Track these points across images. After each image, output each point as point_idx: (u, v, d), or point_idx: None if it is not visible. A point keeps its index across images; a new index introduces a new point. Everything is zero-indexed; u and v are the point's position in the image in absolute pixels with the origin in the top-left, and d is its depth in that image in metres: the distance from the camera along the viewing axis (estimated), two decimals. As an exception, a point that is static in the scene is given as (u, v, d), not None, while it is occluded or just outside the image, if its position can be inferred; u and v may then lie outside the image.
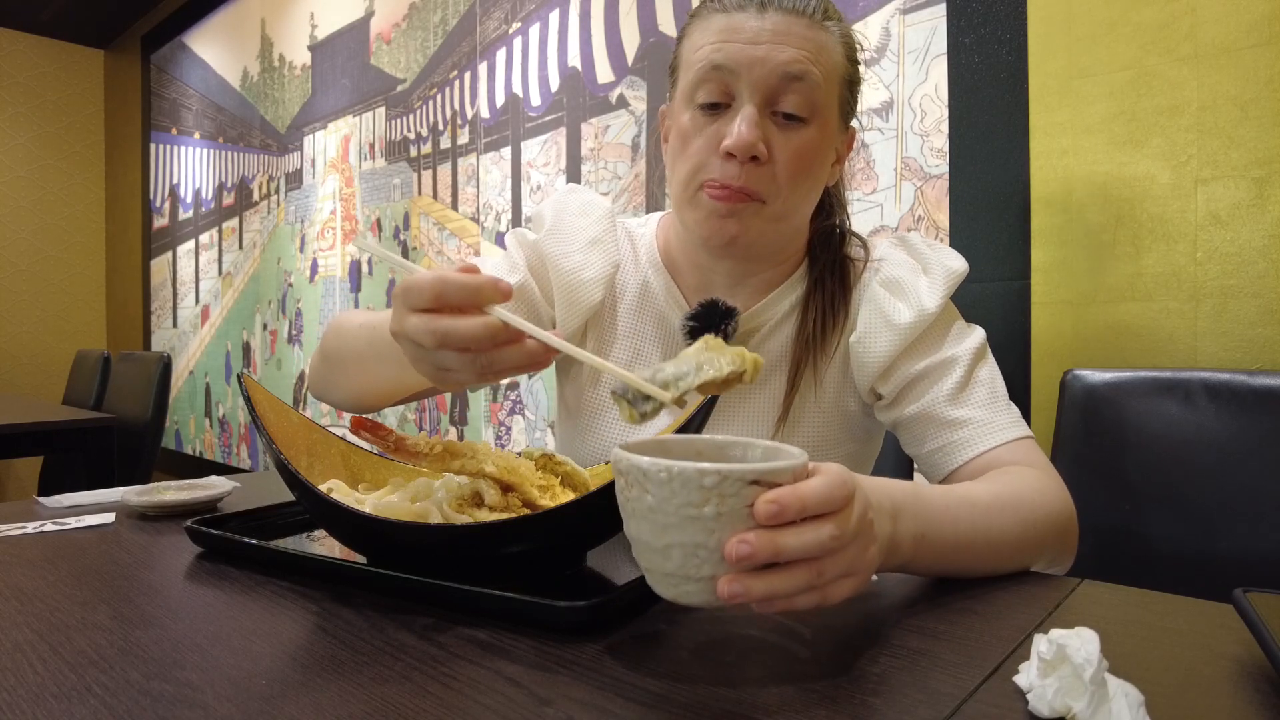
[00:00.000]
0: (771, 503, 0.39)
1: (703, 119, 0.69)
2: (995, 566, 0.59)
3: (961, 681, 0.40)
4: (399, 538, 0.51)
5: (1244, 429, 0.85)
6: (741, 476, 0.39)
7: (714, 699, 0.38)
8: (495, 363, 0.52)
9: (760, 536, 0.39)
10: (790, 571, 0.40)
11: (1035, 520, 0.61)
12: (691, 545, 0.40)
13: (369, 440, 0.56)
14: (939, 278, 0.74)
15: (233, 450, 3.33)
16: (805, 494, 0.40)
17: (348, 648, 0.44)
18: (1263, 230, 0.98)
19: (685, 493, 0.39)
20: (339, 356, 0.76)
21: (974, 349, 0.73)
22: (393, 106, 2.47)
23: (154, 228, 4.02)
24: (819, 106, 0.69)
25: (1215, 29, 1.00)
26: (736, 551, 0.39)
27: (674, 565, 0.41)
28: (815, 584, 0.41)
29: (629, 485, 0.41)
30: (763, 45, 0.67)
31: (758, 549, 0.39)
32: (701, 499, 0.39)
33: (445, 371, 0.53)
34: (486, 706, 0.37)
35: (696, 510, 0.39)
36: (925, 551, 0.53)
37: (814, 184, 0.73)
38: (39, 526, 0.72)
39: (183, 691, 0.38)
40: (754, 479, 0.39)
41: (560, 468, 0.60)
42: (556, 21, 1.94)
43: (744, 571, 0.40)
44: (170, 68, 3.85)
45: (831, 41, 0.70)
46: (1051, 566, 0.64)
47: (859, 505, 0.43)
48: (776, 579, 0.40)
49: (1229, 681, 0.40)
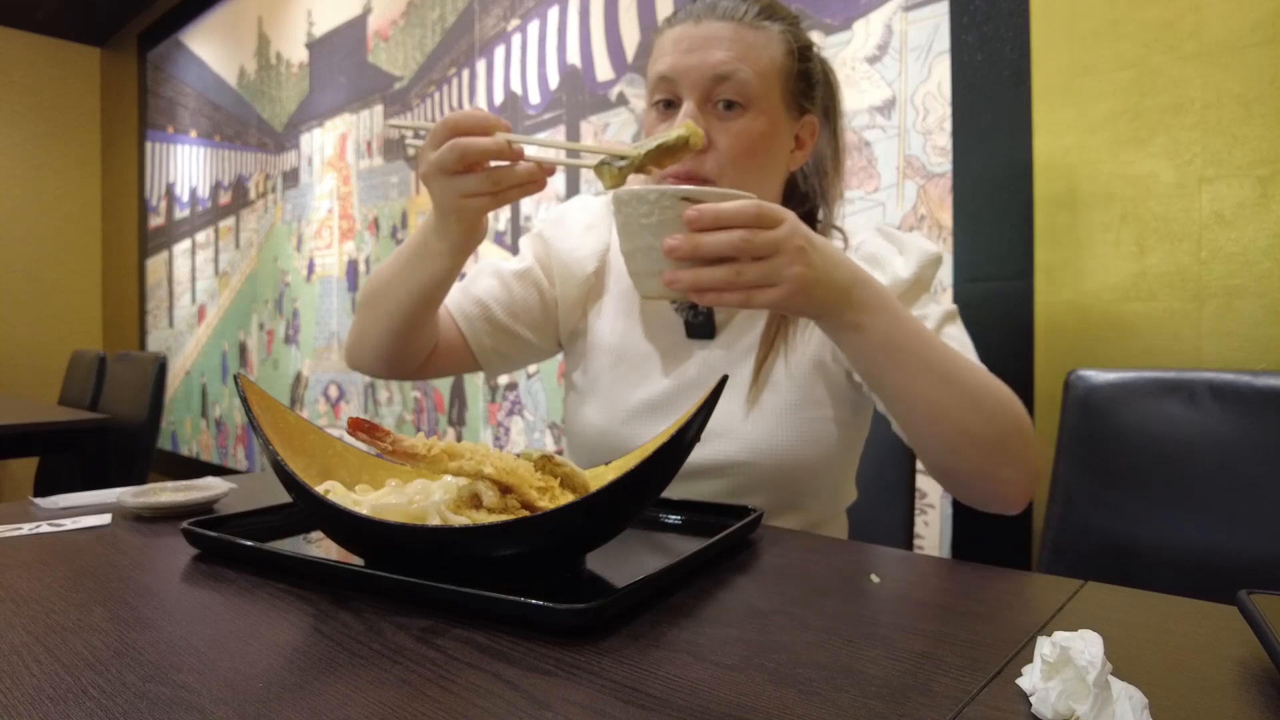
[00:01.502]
0: (693, 212, 0.56)
1: (659, 117, 0.81)
2: (948, 403, 0.65)
3: (964, 684, 0.39)
4: (397, 539, 0.51)
5: (1248, 430, 0.84)
6: (675, 194, 0.57)
7: (714, 702, 0.38)
8: (504, 178, 0.65)
9: (685, 236, 0.56)
10: (713, 268, 0.56)
11: (1002, 401, 0.67)
12: (645, 246, 0.59)
13: (366, 442, 0.55)
14: (913, 255, 0.80)
15: (229, 451, 3.32)
16: (721, 208, 0.56)
17: (345, 650, 0.44)
18: (1268, 229, 0.97)
19: (638, 205, 0.58)
20: (372, 292, 0.83)
21: (944, 311, 0.78)
22: (391, 104, 2.47)
23: (150, 227, 4.01)
24: (754, 96, 0.78)
25: (1219, 27, 1.00)
26: (668, 245, 0.57)
27: (638, 265, 0.60)
28: (735, 282, 0.57)
29: (618, 211, 0.59)
30: (696, 52, 0.78)
31: (681, 244, 0.56)
32: (647, 211, 0.57)
33: (467, 198, 0.66)
34: (484, 709, 0.37)
35: (646, 219, 0.57)
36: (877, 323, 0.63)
37: (761, 164, 0.80)
38: (34, 528, 0.71)
39: (179, 694, 0.38)
40: (685, 196, 0.56)
41: (559, 469, 0.59)
42: (555, 19, 1.94)
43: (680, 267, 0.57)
44: (167, 66, 3.84)
45: (764, 39, 0.80)
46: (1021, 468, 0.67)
47: (784, 231, 0.58)
48: (702, 272, 0.57)
49: (1233, 684, 0.40)
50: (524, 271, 0.92)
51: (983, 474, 0.68)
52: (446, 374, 0.93)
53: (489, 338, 0.91)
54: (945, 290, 1.23)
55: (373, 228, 2.54)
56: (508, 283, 0.91)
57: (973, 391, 0.65)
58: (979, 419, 0.65)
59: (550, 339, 0.95)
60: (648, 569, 0.51)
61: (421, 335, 0.84)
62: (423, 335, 0.84)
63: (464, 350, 0.91)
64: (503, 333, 0.91)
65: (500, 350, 0.92)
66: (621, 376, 0.88)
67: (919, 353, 0.64)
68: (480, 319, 0.90)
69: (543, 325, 0.93)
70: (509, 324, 0.91)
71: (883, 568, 0.59)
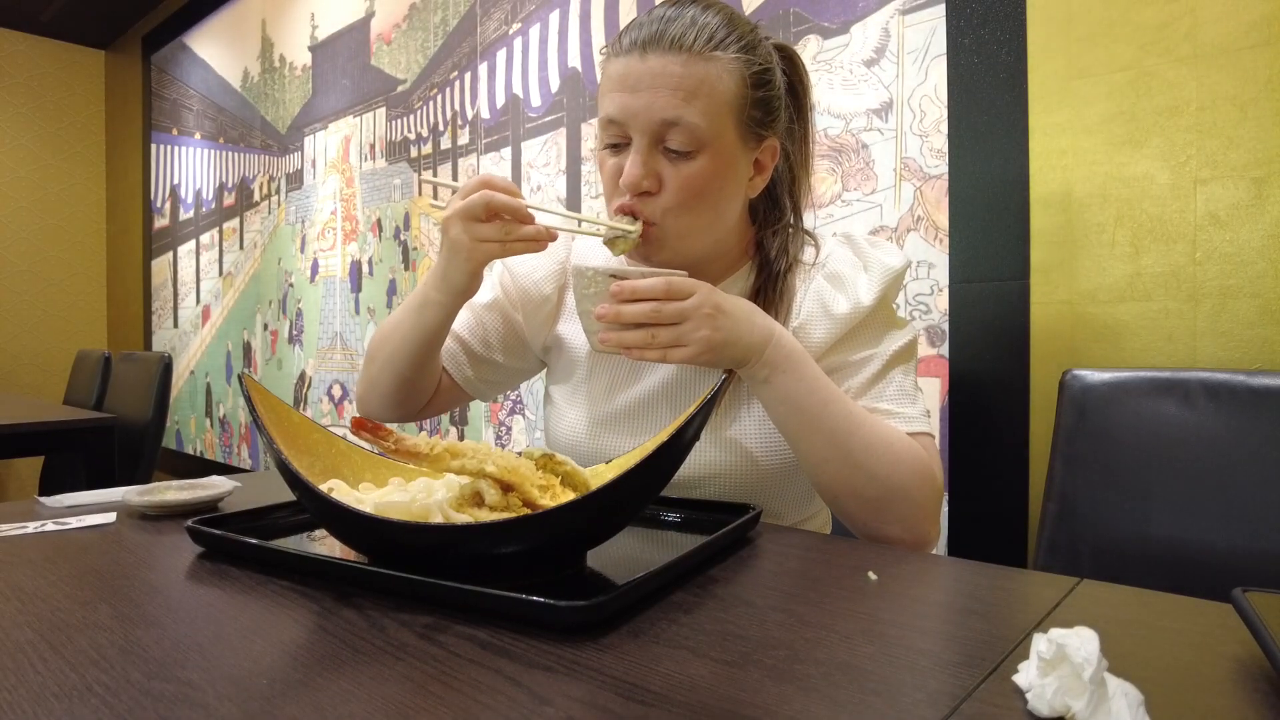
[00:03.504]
0: (615, 286, 0.69)
1: (609, 157, 0.80)
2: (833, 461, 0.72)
3: (961, 681, 0.40)
4: (400, 537, 0.51)
5: (1243, 429, 0.85)
6: (606, 271, 0.71)
7: (714, 698, 0.38)
8: (513, 231, 0.74)
9: (609, 305, 0.70)
10: (634, 331, 0.69)
11: (897, 463, 0.72)
12: (585, 312, 0.74)
13: (369, 440, 0.56)
14: (876, 275, 0.81)
15: (233, 450, 3.33)
16: (637, 284, 0.69)
17: (348, 647, 0.44)
18: (1262, 230, 0.98)
19: (579, 279, 0.73)
20: (379, 342, 0.89)
21: (896, 349, 0.80)
22: (393, 107, 2.47)
23: (155, 228, 4.02)
24: (705, 139, 0.75)
25: (1215, 29, 1.00)
26: (597, 313, 0.71)
27: (585, 325, 0.75)
28: (650, 343, 0.69)
29: (574, 282, 0.75)
30: (643, 94, 0.74)
31: (606, 312, 0.70)
32: (586, 284, 0.72)
33: (480, 241, 0.74)
34: (486, 706, 0.37)
35: (586, 290, 0.72)
36: (781, 380, 0.72)
37: (711, 205, 0.79)
38: (40, 526, 0.72)
39: (184, 691, 0.38)
40: (613, 273, 0.71)
41: (560, 468, 0.60)
42: (556, 22, 1.95)
43: (609, 330, 0.71)
44: (171, 68, 3.85)
45: (717, 70, 0.75)
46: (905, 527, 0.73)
47: (692, 303, 0.69)
48: (625, 334, 0.70)
49: (1228, 681, 0.40)
50: (491, 302, 0.96)
51: (865, 527, 0.75)
52: (447, 409, 0.99)
53: (470, 369, 0.95)
54: (942, 290, 1.24)
55: (375, 229, 2.54)
56: (479, 315, 0.96)
57: (861, 453, 0.72)
58: (861, 478, 0.72)
59: (530, 359, 0.99)
60: (648, 566, 0.51)
61: (425, 379, 0.90)
62: (426, 379, 0.90)
63: (454, 385, 0.96)
64: (482, 363, 0.96)
65: (485, 379, 0.97)
66: (593, 388, 0.89)
67: (814, 412, 0.72)
68: (460, 353, 0.95)
69: (518, 349, 0.97)
70: (485, 354, 0.95)
71: (880, 565, 0.59)
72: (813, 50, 1.41)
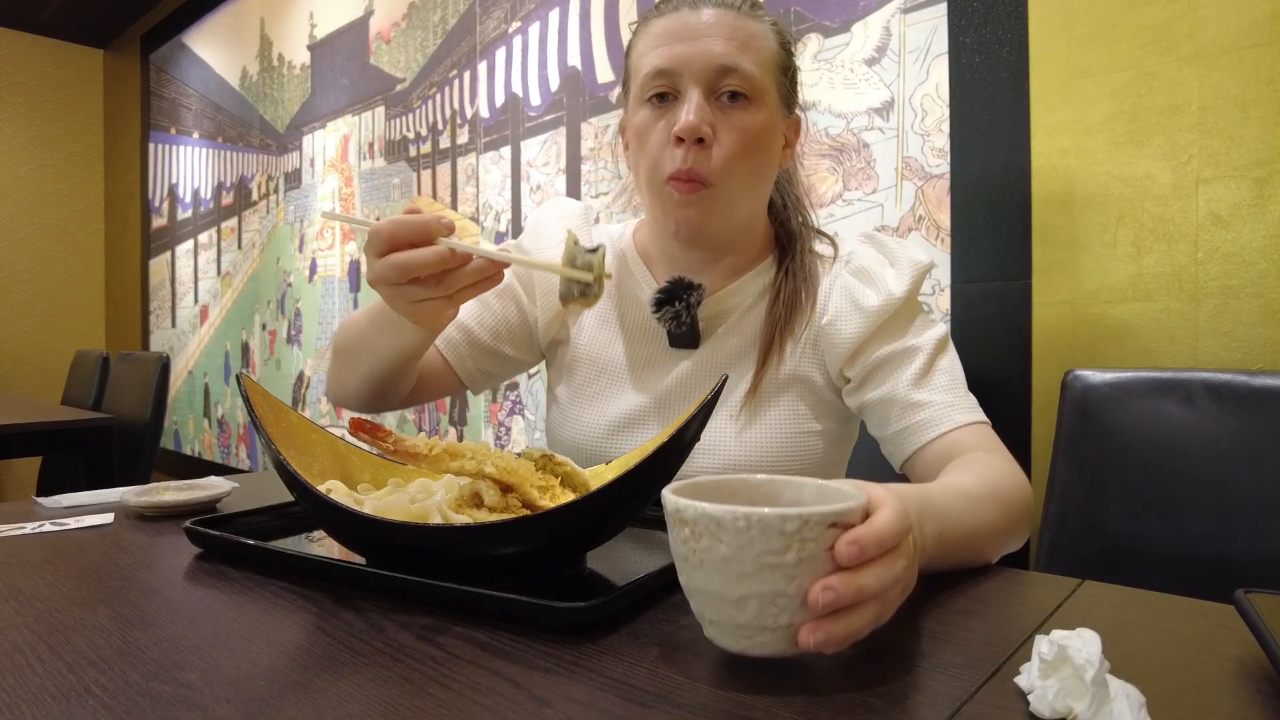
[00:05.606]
0: (853, 544, 0.38)
1: (655, 113, 0.76)
2: (987, 554, 0.62)
3: (962, 682, 0.40)
4: (398, 538, 0.51)
5: (1245, 429, 0.85)
6: (823, 519, 0.39)
7: (714, 700, 0.38)
8: (453, 283, 0.62)
9: (843, 580, 0.38)
10: (863, 608, 0.39)
11: (1013, 507, 0.66)
12: (770, 594, 0.39)
13: (368, 441, 0.56)
14: (905, 268, 0.79)
15: (232, 450, 3.32)
16: (882, 533, 0.40)
17: (347, 649, 0.44)
18: (1264, 230, 0.98)
19: (765, 540, 0.38)
20: (346, 347, 0.82)
21: (936, 339, 0.78)
22: (392, 106, 2.47)
23: (153, 227, 4.01)
24: (758, 89, 0.75)
25: (1216, 29, 1.00)
26: (823, 599, 0.38)
27: (749, 616, 0.39)
28: (881, 615, 0.41)
29: (697, 535, 0.40)
30: (700, 41, 0.74)
31: (842, 594, 0.38)
32: (783, 545, 0.38)
33: (419, 304, 0.63)
34: (486, 707, 0.37)
35: (778, 558, 0.38)
36: (942, 549, 0.54)
37: (758, 163, 0.78)
38: (38, 527, 0.72)
39: (182, 692, 0.38)
40: (833, 521, 0.39)
41: (560, 468, 0.59)
42: (556, 21, 1.94)
43: (823, 617, 0.39)
44: (169, 67, 3.84)
45: (764, 30, 0.77)
46: (1010, 546, 0.68)
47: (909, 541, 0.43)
48: (853, 618, 0.39)
49: (1230, 682, 0.40)
50: (503, 288, 0.91)
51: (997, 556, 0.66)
52: (433, 399, 0.93)
53: (472, 360, 0.91)
54: (944, 290, 1.23)
55: (374, 229, 2.54)
56: (487, 301, 0.91)
57: (1003, 528, 0.63)
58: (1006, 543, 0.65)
59: (532, 351, 0.96)
60: (647, 568, 0.51)
61: (404, 381, 0.84)
62: (406, 381, 0.84)
63: (449, 375, 0.91)
64: (486, 353, 0.91)
65: (484, 370, 0.93)
66: (603, 388, 0.87)
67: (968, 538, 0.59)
68: (464, 343, 0.90)
69: (524, 339, 0.94)
70: (492, 344, 0.91)
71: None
72: (814, 49, 1.41)
